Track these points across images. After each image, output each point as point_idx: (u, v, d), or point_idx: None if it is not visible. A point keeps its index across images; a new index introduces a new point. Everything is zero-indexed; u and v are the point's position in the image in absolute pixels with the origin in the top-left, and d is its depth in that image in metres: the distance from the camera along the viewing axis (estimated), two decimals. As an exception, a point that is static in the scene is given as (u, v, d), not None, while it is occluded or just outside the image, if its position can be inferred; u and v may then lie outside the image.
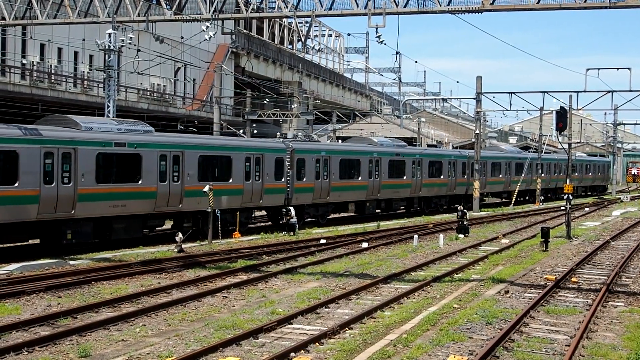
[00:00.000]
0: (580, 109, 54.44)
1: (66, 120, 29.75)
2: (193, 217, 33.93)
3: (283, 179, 38.87)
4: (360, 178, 45.28)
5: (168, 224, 35.16)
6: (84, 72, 56.07)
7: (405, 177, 50.22)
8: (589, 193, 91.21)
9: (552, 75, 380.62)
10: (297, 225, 37.47)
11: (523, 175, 66.81)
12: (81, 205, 28.33)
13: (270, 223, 41.82)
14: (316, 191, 41.57)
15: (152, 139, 31.90)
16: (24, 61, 51.05)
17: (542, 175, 71.09)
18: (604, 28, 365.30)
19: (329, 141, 69.22)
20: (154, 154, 31.38)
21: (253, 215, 40.40)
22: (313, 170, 41.26)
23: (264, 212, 43.45)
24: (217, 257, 28.08)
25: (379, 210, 49.56)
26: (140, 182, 30.87)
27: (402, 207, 52.05)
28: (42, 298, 20.09)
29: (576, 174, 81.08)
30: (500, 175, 64.60)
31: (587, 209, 62.42)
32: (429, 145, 64.36)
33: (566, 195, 37.10)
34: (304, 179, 40.62)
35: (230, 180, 35.64)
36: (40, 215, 27.18)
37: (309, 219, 42.61)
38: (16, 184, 26.47)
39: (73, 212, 28.14)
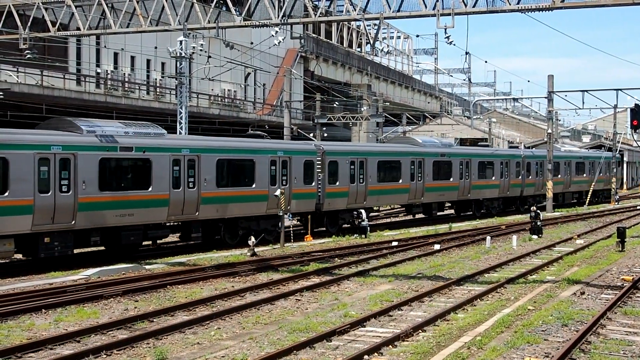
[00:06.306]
0: (656, 106, 53.10)
1: None
2: None
3: None
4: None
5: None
6: (156, 79, 57.15)
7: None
8: (574, 201, 65.15)
9: (626, 72, 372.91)
10: (368, 227, 37.43)
11: (597, 174, 65.07)
12: None
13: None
14: None
15: None
16: (99, 70, 52.28)
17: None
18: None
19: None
20: None
21: None
22: None
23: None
24: (290, 261, 28.26)
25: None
26: None
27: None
28: (119, 302, 20.48)
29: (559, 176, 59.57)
30: (401, 181, 41.87)
31: (665, 207, 60.96)
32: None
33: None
34: None
35: None
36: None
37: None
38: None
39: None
